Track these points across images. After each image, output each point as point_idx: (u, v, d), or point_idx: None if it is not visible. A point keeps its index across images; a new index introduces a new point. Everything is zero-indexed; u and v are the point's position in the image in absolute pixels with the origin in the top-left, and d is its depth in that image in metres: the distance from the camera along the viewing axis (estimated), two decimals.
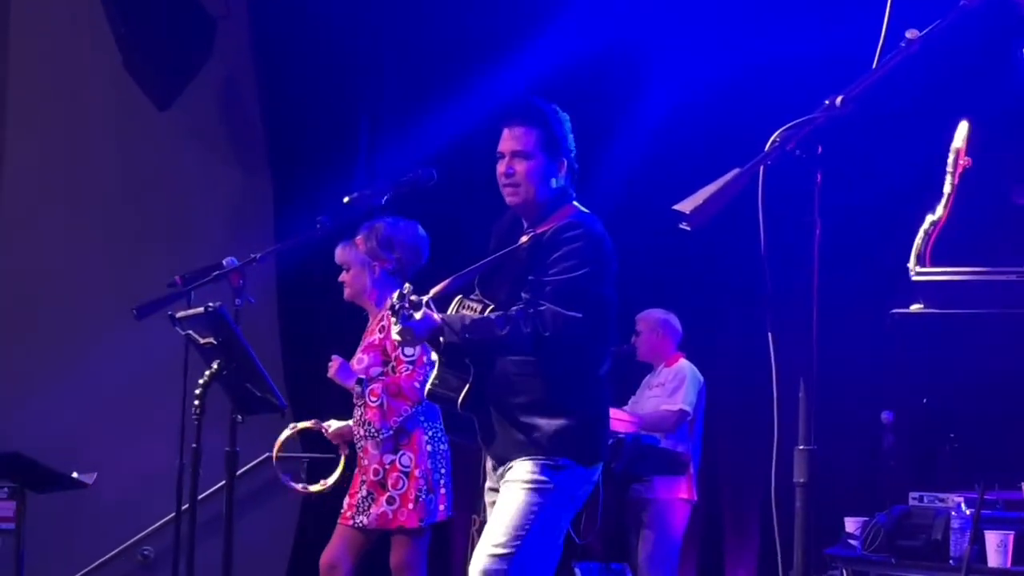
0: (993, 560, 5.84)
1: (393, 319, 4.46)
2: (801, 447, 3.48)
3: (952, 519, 5.96)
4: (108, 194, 9.24)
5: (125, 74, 8.79)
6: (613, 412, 7.51)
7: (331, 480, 6.38)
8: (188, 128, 9.30)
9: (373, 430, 6.17)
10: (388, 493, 6.15)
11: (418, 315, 4.46)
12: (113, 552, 8.88)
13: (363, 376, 6.18)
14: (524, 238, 4.65)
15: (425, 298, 4.57)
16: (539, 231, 4.64)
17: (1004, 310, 2.90)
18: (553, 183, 4.75)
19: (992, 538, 5.84)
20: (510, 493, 4.53)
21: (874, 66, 3.45)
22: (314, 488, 6.42)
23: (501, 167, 4.75)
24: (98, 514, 8.62)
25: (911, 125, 7.87)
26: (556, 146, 4.75)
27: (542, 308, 4.46)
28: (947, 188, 3.30)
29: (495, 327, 4.46)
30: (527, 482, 4.50)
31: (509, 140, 4.76)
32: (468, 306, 4.72)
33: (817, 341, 3.37)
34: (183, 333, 5.13)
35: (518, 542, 4.44)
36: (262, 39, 9.22)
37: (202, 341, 5.04)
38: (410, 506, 6.12)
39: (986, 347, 2.99)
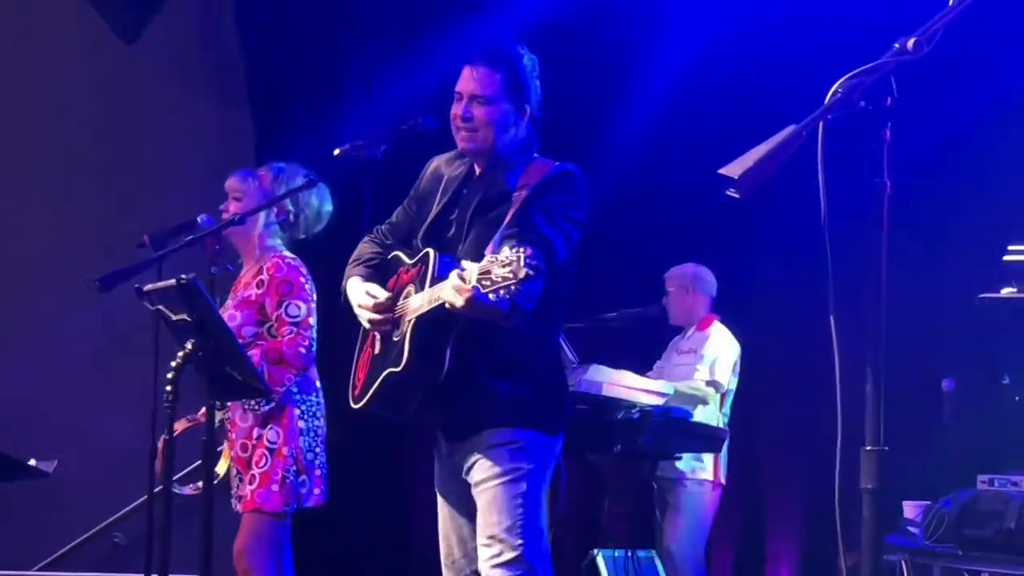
0: None
1: (487, 273, 4.04)
2: (869, 447, 3.34)
3: None
4: (69, 138, 9.12)
5: (85, 4, 8.73)
6: (639, 380, 7.47)
7: (221, 469, 6.28)
8: (158, 63, 9.19)
9: (252, 402, 6.05)
10: (252, 472, 6.07)
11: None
12: (81, 538, 8.83)
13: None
14: (521, 193, 4.57)
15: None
16: (533, 182, 4.60)
17: None
18: (513, 132, 4.72)
19: None
20: (488, 491, 4.55)
21: (951, 2, 3.31)
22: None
23: (457, 109, 4.72)
24: (64, 498, 8.49)
25: (990, 70, 7.78)
26: (520, 93, 4.72)
27: (539, 262, 4.26)
28: None
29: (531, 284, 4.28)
30: (501, 474, 4.53)
31: (470, 81, 4.70)
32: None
33: (886, 325, 3.24)
34: (152, 308, 4.98)
35: (520, 539, 4.48)
36: None
37: (174, 318, 4.89)
38: (274, 487, 6.02)
39: None
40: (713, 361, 7.92)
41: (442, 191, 4.79)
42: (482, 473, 4.55)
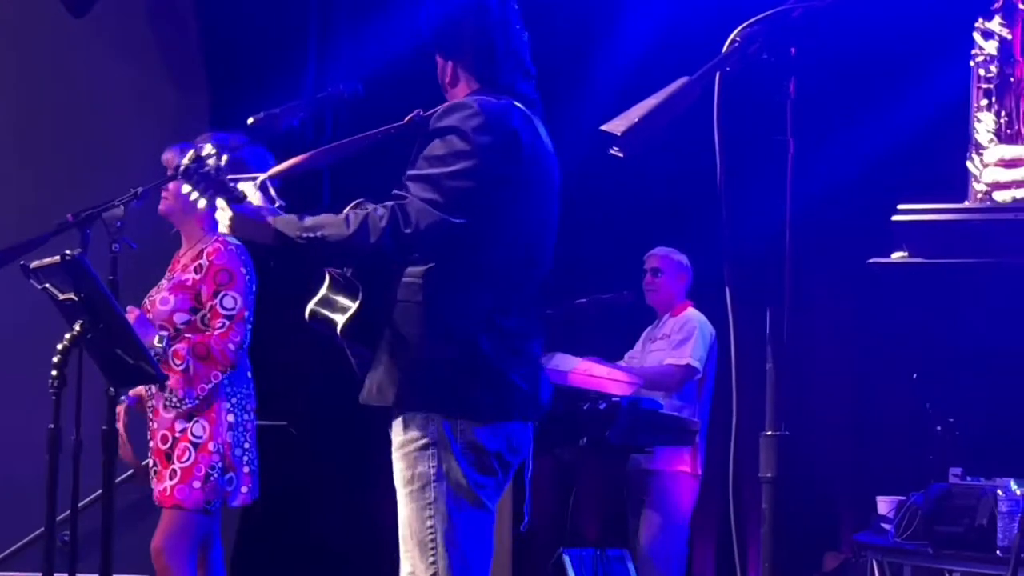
0: None
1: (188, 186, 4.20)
2: (768, 433, 3.16)
3: (999, 501, 5.82)
4: (15, 116, 9.02)
5: None
6: (608, 370, 7.31)
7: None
8: (110, 38, 9.06)
9: (175, 399, 5.94)
10: (171, 466, 5.94)
11: (253, 198, 4.23)
12: (29, 538, 8.67)
13: (166, 327, 5.96)
14: (406, 119, 4.31)
15: (261, 177, 4.34)
16: (426, 114, 4.28)
17: (1005, 259, 2.51)
18: (447, 88, 4.46)
19: None
20: (400, 501, 4.26)
21: None
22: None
23: None
24: (12, 495, 8.43)
25: (893, 46, 7.70)
26: (437, 47, 4.47)
27: (405, 200, 4.10)
28: None
29: (343, 224, 4.08)
30: (408, 481, 4.23)
31: None
32: None
33: (791, 294, 3.06)
34: (39, 287, 4.80)
35: (432, 557, 4.18)
36: None
37: (61, 297, 4.71)
38: (196, 483, 5.89)
39: (983, 305, 2.63)
40: (689, 344, 7.79)
41: None
42: (395, 476, 4.29)
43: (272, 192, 4.31)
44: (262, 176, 4.31)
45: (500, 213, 4.20)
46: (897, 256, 2.68)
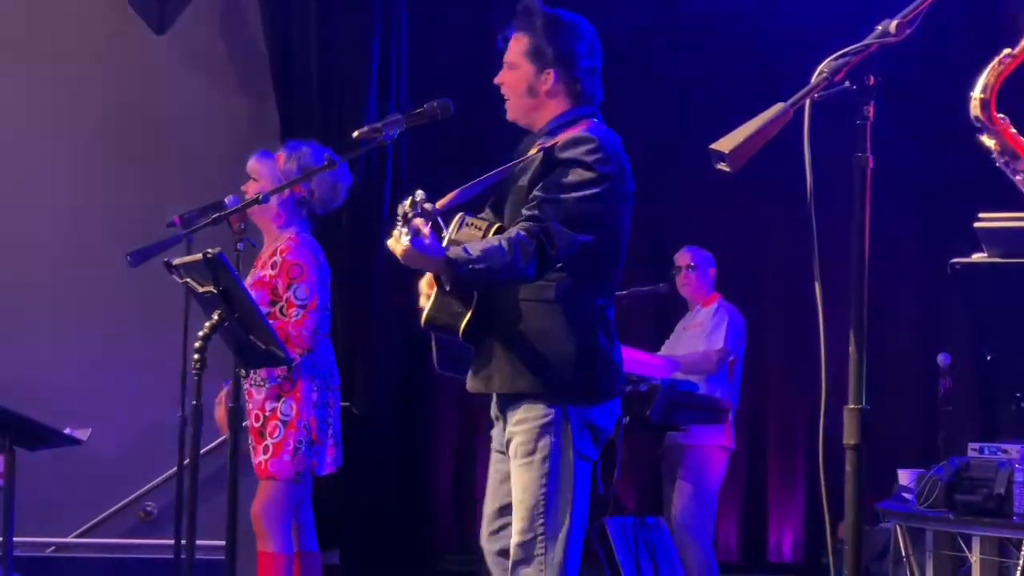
0: None
1: (402, 229, 4.21)
2: (852, 406, 3.39)
3: (1016, 472, 5.90)
4: (101, 126, 9.13)
5: None
6: (647, 357, 7.54)
7: None
8: (187, 53, 9.19)
9: (259, 378, 6.19)
10: (265, 442, 6.18)
11: (423, 231, 4.32)
12: (114, 508, 8.87)
13: None
14: (533, 150, 4.53)
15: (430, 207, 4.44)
16: (549, 144, 4.49)
17: None
18: (542, 99, 4.59)
19: None
20: (516, 468, 4.46)
21: None
22: None
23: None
24: (98, 468, 8.58)
25: (971, 52, 7.85)
26: (543, 55, 4.56)
27: (546, 225, 4.33)
28: None
29: (501, 253, 4.28)
30: (528, 454, 4.42)
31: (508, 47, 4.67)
32: (471, 223, 4.55)
33: (868, 290, 3.30)
34: (180, 281, 5.06)
35: (541, 520, 4.39)
36: None
37: (201, 290, 4.95)
38: (286, 457, 6.14)
39: None
40: (721, 330, 7.98)
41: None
42: (511, 449, 4.48)
43: (440, 223, 4.43)
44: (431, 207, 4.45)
45: (615, 226, 4.50)
46: (977, 257, 2.93)
